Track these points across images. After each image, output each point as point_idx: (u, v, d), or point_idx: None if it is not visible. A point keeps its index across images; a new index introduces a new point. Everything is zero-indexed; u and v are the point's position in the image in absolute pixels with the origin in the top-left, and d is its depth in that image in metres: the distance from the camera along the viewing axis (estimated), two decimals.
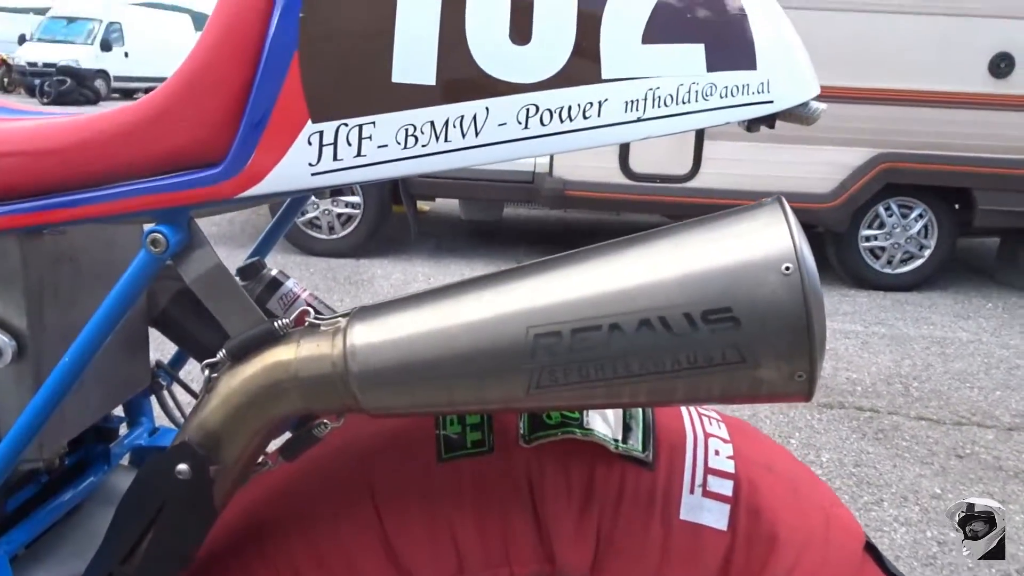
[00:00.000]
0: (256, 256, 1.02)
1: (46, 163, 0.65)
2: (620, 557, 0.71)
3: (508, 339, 0.59)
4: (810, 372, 0.56)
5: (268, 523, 0.78)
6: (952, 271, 5.17)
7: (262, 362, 0.65)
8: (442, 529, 0.73)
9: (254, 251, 1.04)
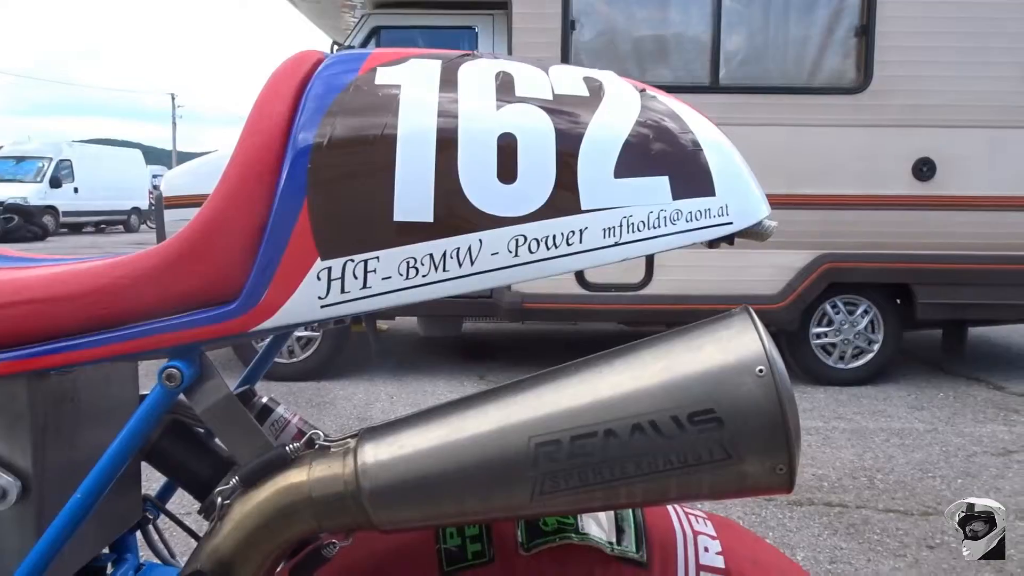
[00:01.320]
0: (246, 384, 1.05)
1: (65, 309, 0.69)
2: None
3: (512, 449, 0.63)
4: (789, 464, 0.62)
5: None
6: (902, 363, 5.34)
7: (275, 486, 0.68)
8: None
9: (244, 379, 1.07)
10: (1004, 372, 5.17)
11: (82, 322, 0.69)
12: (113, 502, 0.92)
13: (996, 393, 4.68)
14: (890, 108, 4.60)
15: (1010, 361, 5.52)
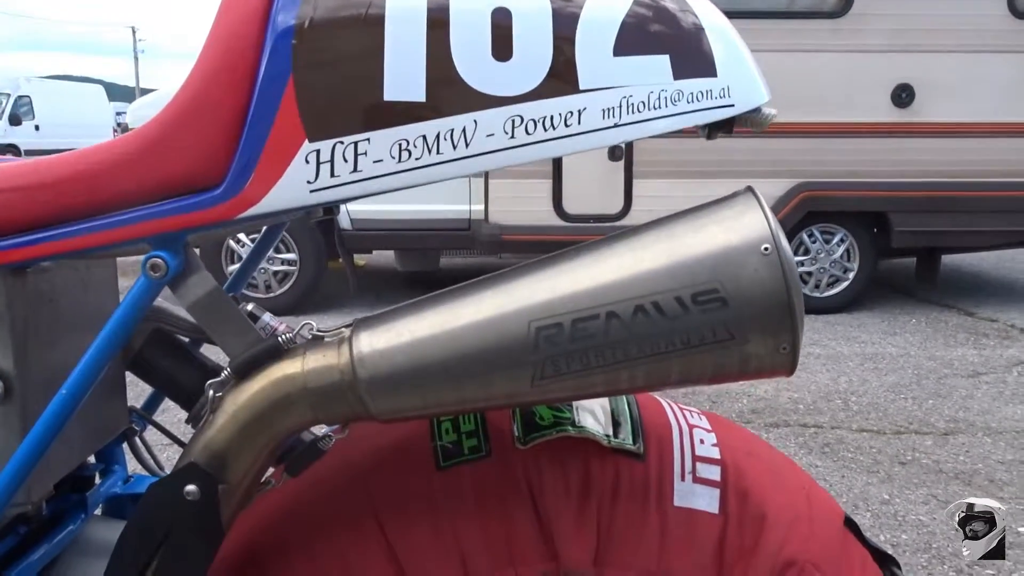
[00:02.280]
0: (230, 292, 1.03)
1: (40, 198, 0.66)
2: (621, 547, 0.74)
3: (512, 334, 0.62)
4: (793, 343, 0.61)
5: (268, 547, 0.78)
6: (876, 291, 5.41)
7: (268, 377, 0.66)
8: (445, 535, 0.75)
9: (229, 286, 1.05)
10: (974, 299, 5.26)
11: (59, 212, 0.66)
12: (99, 409, 0.91)
13: (967, 319, 4.77)
14: (871, 32, 4.55)
15: (980, 288, 5.62)
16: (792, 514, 0.77)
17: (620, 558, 0.74)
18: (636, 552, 0.74)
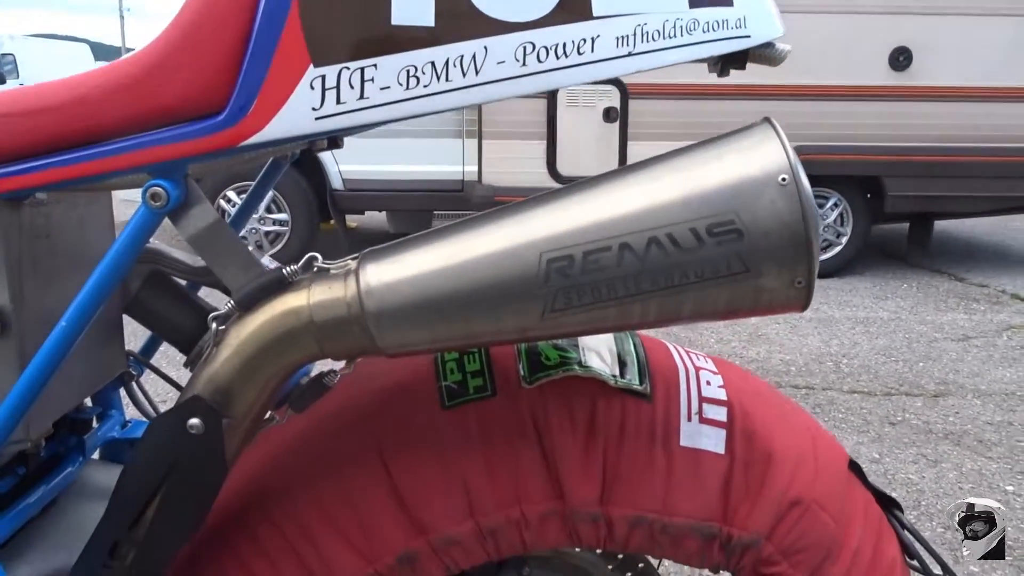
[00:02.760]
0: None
1: (36, 123, 0.64)
2: (627, 486, 0.74)
3: (522, 266, 0.61)
4: (808, 277, 0.60)
5: (272, 486, 0.78)
6: (869, 257, 5.42)
7: (273, 310, 0.65)
8: (451, 474, 0.74)
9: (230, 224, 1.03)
10: (965, 264, 5.28)
11: (57, 138, 0.64)
12: (96, 351, 0.89)
13: (957, 284, 4.79)
14: None
15: (971, 254, 5.64)
16: (798, 455, 0.77)
17: (626, 497, 0.74)
18: (642, 491, 0.74)
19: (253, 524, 0.77)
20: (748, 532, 0.73)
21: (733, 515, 0.74)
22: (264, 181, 1.04)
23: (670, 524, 0.73)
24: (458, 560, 0.75)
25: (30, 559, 0.86)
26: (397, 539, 0.74)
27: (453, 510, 0.74)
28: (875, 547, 0.79)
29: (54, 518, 0.93)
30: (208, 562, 0.78)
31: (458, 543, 0.74)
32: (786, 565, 0.74)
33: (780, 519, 0.74)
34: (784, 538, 0.74)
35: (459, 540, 0.74)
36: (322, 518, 0.75)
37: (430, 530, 0.74)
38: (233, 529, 0.78)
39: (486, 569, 0.94)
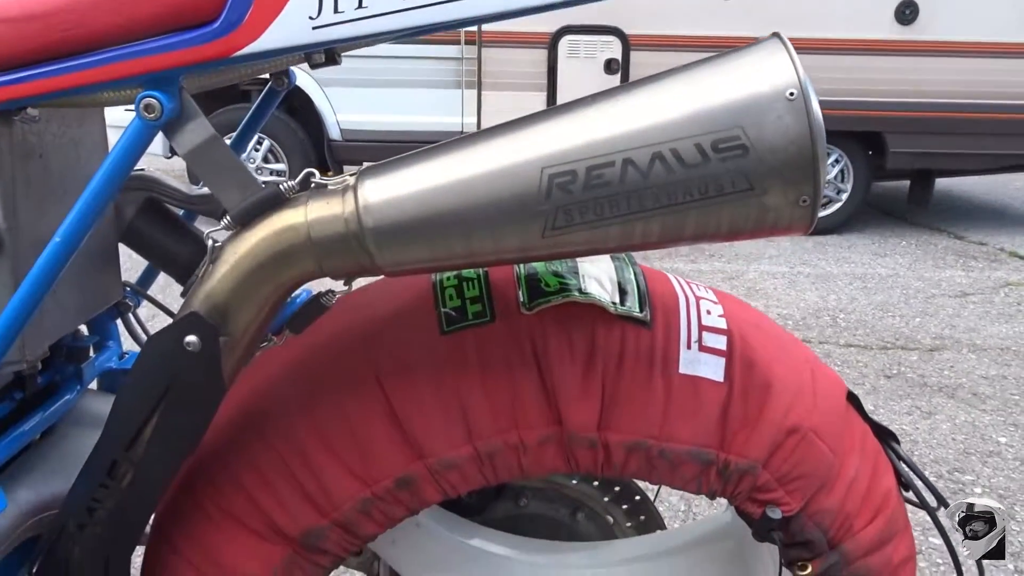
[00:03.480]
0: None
1: (28, 30, 0.62)
2: (625, 412, 0.73)
3: (523, 182, 0.60)
4: (814, 196, 0.59)
5: (269, 410, 0.77)
6: (868, 215, 5.40)
7: (271, 226, 0.64)
8: (449, 399, 0.74)
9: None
10: (965, 223, 5.27)
11: (47, 46, 0.62)
12: (92, 276, 0.88)
13: (956, 242, 4.79)
14: None
15: (971, 213, 5.62)
16: (796, 385, 0.77)
17: (624, 423, 0.74)
18: (640, 417, 0.73)
19: (250, 447, 0.77)
20: (745, 459, 0.73)
21: (731, 442, 0.74)
22: (259, 112, 1.02)
23: (668, 450, 0.73)
24: (456, 484, 0.75)
25: (28, 484, 0.86)
26: (395, 463, 0.74)
27: (451, 434, 0.74)
28: (871, 478, 0.79)
29: (52, 445, 0.93)
30: (204, 485, 0.78)
31: (456, 467, 0.74)
32: (782, 492, 0.75)
33: (777, 447, 0.74)
34: (780, 466, 0.74)
35: (457, 464, 0.74)
36: (319, 441, 0.75)
37: (428, 454, 0.74)
38: (229, 452, 0.78)
39: (484, 498, 0.94)
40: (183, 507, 0.80)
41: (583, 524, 0.96)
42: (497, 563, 0.90)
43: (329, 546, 0.76)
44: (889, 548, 0.79)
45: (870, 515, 0.78)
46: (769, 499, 0.75)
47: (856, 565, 0.77)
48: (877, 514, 0.78)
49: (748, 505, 0.75)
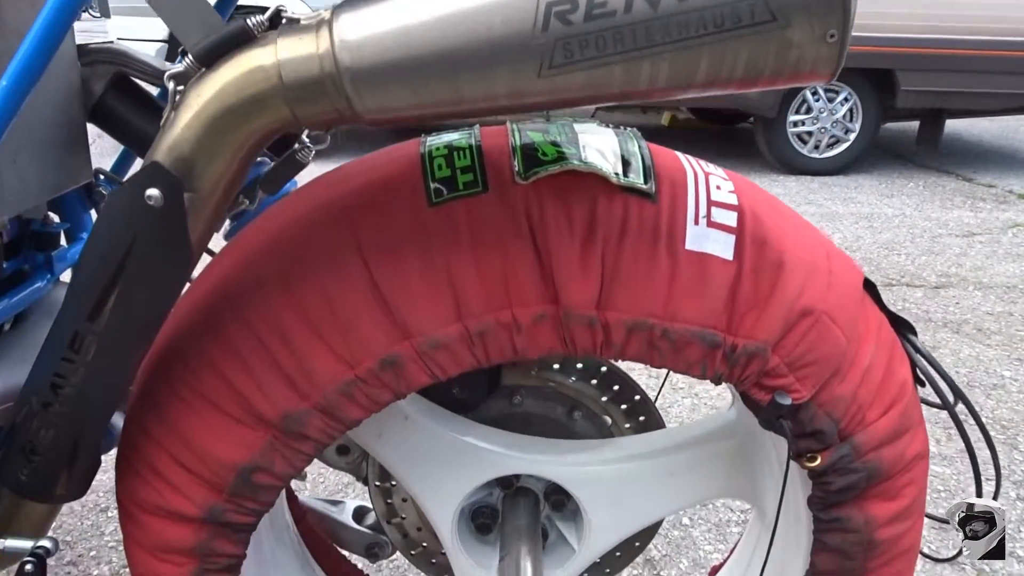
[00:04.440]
0: None
1: None
2: (626, 290, 0.68)
3: (518, 12, 0.53)
4: (842, 32, 0.53)
5: (245, 288, 0.72)
6: (876, 156, 5.30)
7: (237, 67, 0.58)
8: (437, 275, 0.69)
9: None
10: (974, 165, 5.17)
11: None
12: (57, 151, 0.82)
13: (965, 184, 4.70)
14: None
15: (980, 155, 5.52)
16: (811, 264, 0.72)
17: (625, 301, 0.69)
18: (642, 295, 0.68)
19: (226, 327, 0.72)
20: (753, 341, 0.69)
21: (739, 324, 0.69)
22: None
23: (671, 330, 0.68)
24: (444, 366, 0.70)
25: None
26: (379, 342, 0.69)
27: (439, 312, 0.69)
28: (887, 367, 0.75)
29: (22, 334, 0.89)
30: (179, 368, 0.74)
31: (444, 347, 0.69)
32: (792, 379, 0.70)
33: (789, 329, 0.69)
34: (792, 350, 0.69)
35: (445, 343, 0.69)
36: (299, 321, 0.70)
37: (414, 333, 0.69)
38: (204, 332, 0.73)
39: (476, 395, 0.90)
40: (156, 392, 0.75)
41: (580, 424, 0.92)
42: (491, 460, 0.86)
43: (311, 432, 0.72)
44: (903, 441, 0.74)
45: (884, 406, 0.73)
46: (778, 385, 0.70)
47: (868, 457, 0.72)
48: (892, 405, 0.74)
49: (755, 391, 0.71)
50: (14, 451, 0.72)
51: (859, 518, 0.74)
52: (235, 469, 0.73)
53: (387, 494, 0.97)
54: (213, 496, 0.74)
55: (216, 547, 0.75)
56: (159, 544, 0.76)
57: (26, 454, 0.71)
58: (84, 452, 0.72)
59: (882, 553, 0.76)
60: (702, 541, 1.68)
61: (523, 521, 0.87)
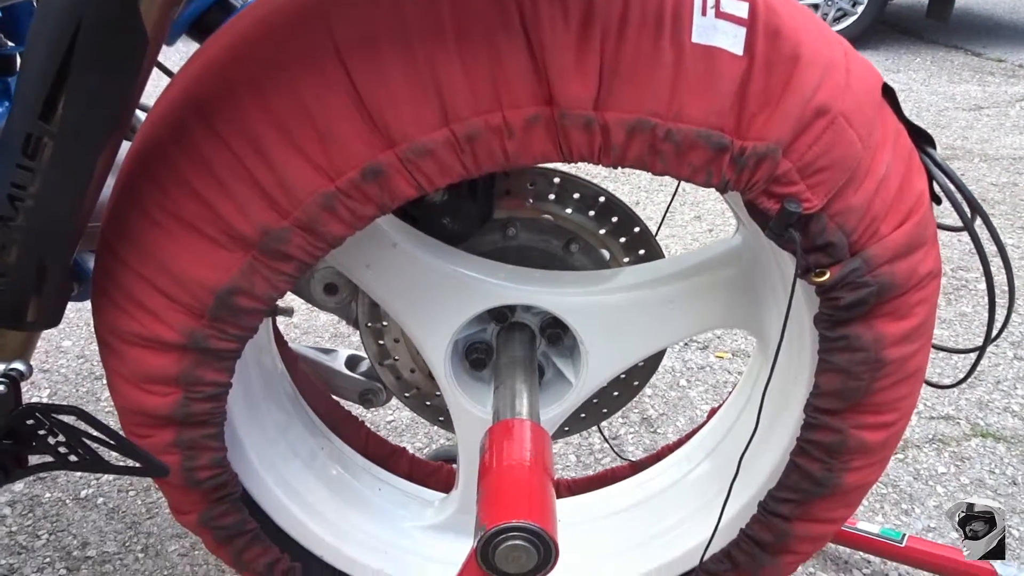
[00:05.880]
0: None
1: None
2: (627, 85, 0.63)
3: None
4: None
5: (215, 97, 0.67)
6: (883, 32, 5.11)
7: None
8: (421, 74, 0.63)
9: None
10: (983, 40, 4.99)
11: None
12: None
13: (973, 59, 4.55)
14: None
15: (991, 30, 5.32)
16: (828, 60, 0.66)
17: (625, 100, 0.63)
18: (644, 92, 0.63)
19: (197, 142, 0.67)
20: (764, 142, 0.64)
21: (749, 124, 0.64)
22: None
23: (675, 130, 0.63)
24: (431, 175, 0.66)
25: None
26: (360, 151, 0.64)
27: (424, 116, 0.64)
28: (903, 179, 0.70)
29: None
30: (150, 188, 0.69)
31: (430, 153, 0.64)
32: (803, 186, 0.66)
33: (803, 128, 0.64)
34: (805, 153, 0.64)
35: (431, 150, 0.64)
36: (274, 130, 0.65)
37: (398, 139, 0.64)
38: (175, 149, 0.68)
39: (468, 225, 0.86)
40: (127, 214, 0.71)
41: (577, 257, 0.88)
42: (485, 290, 0.82)
43: (292, 250, 0.68)
44: (916, 257, 0.71)
45: (899, 218, 0.69)
46: (787, 193, 0.66)
47: (879, 271, 0.69)
48: (907, 218, 0.70)
49: (763, 200, 0.66)
50: None
51: (867, 336, 0.71)
52: (214, 292, 0.69)
53: (378, 335, 0.94)
54: (193, 321, 0.70)
55: (200, 375, 0.73)
56: (142, 374, 0.73)
57: None
58: (52, 273, 0.68)
59: (890, 374, 0.74)
60: (699, 401, 1.68)
61: (518, 353, 0.84)
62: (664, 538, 0.89)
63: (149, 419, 0.75)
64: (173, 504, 0.83)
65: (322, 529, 0.89)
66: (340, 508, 0.92)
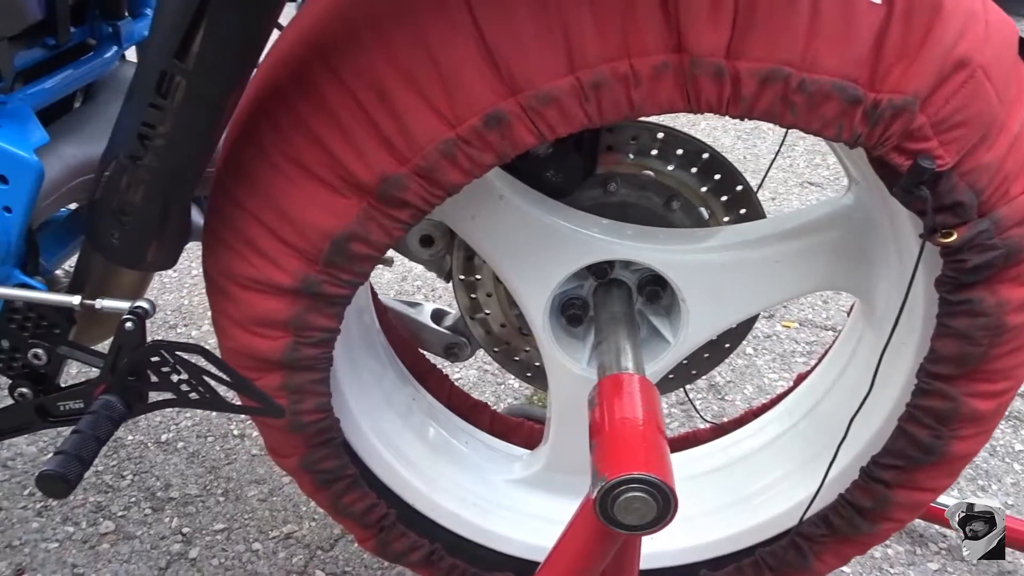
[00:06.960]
0: None
1: None
2: (761, 34, 0.61)
3: None
4: None
5: (338, 40, 0.66)
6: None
7: None
8: (550, 21, 0.62)
9: None
10: None
11: None
12: None
13: None
14: None
15: None
16: (969, 9, 0.64)
17: (758, 48, 0.62)
18: (778, 42, 0.61)
19: (319, 86, 0.67)
20: (901, 95, 0.62)
21: (884, 76, 0.62)
22: None
23: (808, 81, 0.62)
24: (553, 124, 0.65)
25: (73, 141, 0.79)
26: (484, 97, 0.64)
27: (550, 62, 0.63)
28: None
29: (94, 110, 0.85)
30: (269, 131, 0.69)
31: (554, 101, 0.64)
32: (936, 143, 0.63)
33: (942, 81, 0.62)
34: (941, 107, 0.62)
35: (555, 98, 0.63)
36: (397, 75, 0.65)
37: (523, 86, 0.63)
38: (296, 92, 0.68)
39: (570, 179, 0.85)
40: (246, 157, 0.71)
41: (677, 215, 0.87)
42: (589, 244, 0.82)
43: (409, 197, 0.68)
44: None
45: None
46: (919, 150, 0.64)
47: (1009, 234, 0.67)
48: None
49: (894, 156, 0.64)
50: (104, 214, 0.69)
51: (991, 300, 0.69)
52: (330, 238, 0.69)
53: (471, 288, 0.94)
54: (308, 267, 0.71)
55: (311, 320, 0.73)
56: (254, 318, 0.74)
57: (116, 216, 0.68)
58: (175, 214, 0.69)
59: (1008, 340, 0.72)
60: (766, 370, 1.66)
61: (618, 309, 0.84)
62: (758, 499, 0.89)
63: (258, 362, 0.76)
64: (273, 446, 0.84)
65: (414, 477, 0.90)
66: (431, 457, 0.93)
